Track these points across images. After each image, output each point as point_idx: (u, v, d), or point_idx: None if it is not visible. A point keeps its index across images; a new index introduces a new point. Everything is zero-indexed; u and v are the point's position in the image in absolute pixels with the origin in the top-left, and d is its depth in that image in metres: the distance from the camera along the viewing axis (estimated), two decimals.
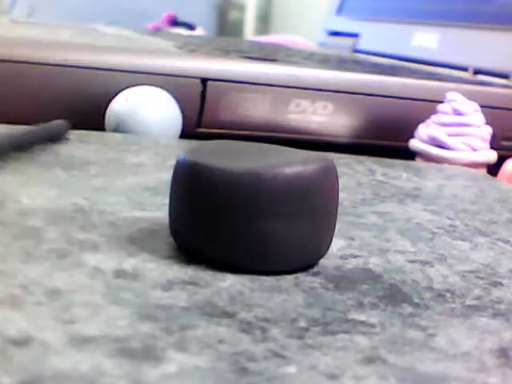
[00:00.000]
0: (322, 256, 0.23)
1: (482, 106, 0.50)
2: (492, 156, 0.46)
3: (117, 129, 0.41)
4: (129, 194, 0.28)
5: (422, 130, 0.46)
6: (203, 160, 0.21)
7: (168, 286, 0.20)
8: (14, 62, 0.40)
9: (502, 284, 0.23)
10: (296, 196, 0.21)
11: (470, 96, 0.50)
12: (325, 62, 0.59)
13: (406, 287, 0.22)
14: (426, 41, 0.77)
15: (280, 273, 0.22)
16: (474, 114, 0.46)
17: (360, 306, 0.20)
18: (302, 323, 0.18)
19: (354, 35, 0.92)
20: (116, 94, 0.42)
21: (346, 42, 0.94)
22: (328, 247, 0.23)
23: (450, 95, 0.46)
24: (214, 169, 0.21)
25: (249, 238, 0.21)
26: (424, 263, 0.24)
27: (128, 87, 0.43)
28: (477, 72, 0.68)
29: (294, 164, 0.21)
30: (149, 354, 0.16)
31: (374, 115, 0.49)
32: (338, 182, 0.23)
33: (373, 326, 0.19)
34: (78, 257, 0.21)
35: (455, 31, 0.73)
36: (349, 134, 0.48)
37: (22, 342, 0.15)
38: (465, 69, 0.69)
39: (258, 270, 0.21)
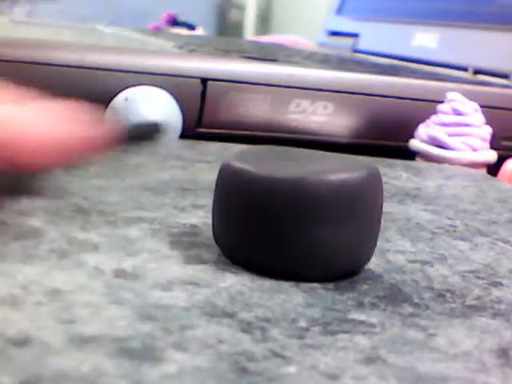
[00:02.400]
0: (364, 264, 0.22)
1: (481, 106, 0.50)
2: (492, 156, 0.46)
3: None
4: (129, 194, 0.28)
5: (422, 130, 0.46)
6: (248, 166, 0.21)
7: (168, 286, 0.20)
8: (14, 62, 0.40)
9: (502, 284, 0.23)
10: (341, 203, 0.21)
11: (470, 96, 0.50)
12: (325, 62, 0.59)
13: (406, 287, 0.22)
14: (426, 41, 0.77)
15: (321, 279, 0.21)
16: (474, 114, 0.46)
17: (360, 305, 0.20)
18: (302, 323, 0.18)
19: (354, 35, 0.92)
20: (116, 94, 0.42)
21: (346, 41, 0.94)
22: (371, 255, 0.22)
23: (450, 95, 0.46)
24: (259, 175, 0.21)
25: (293, 244, 0.21)
26: (424, 263, 0.24)
27: (128, 87, 0.43)
28: (477, 72, 0.68)
29: (340, 171, 0.21)
30: (149, 354, 0.16)
31: (374, 115, 0.49)
32: (382, 190, 0.22)
33: (373, 325, 0.19)
34: (77, 257, 0.21)
35: (455, 31, 0.73)
36: (349, 134, 0.48)
37: (22, 341, 0.15)
38: (465, 69, 0.69)
39: (298, 276, 0.21)
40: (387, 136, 0.49)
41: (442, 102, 0.49)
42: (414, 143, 0.46)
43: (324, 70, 0.48)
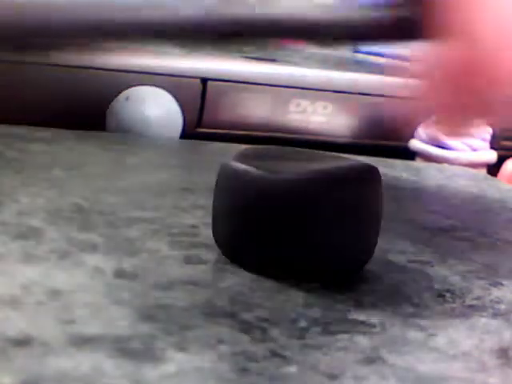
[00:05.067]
0: (364, 263, 0.22)
1: None
2: (492, 156, 0.46)
3: (117, 129, 0.41)
4: (129, 194, 0.28)
5: (422, 130, 0.46)
6: (248, 166, 0.21)
7: (168, 286, 0.20)
8: (15, 62, 0.40)
9: (501, 284, 0.23)
10: (341, 203, 0.21)
11: None
12: (325, 62, 0.59)
13: (406, 287, 0.22)
14: None
15: (321, 279, 0.21)
16: None
17: (360, 305, 0.20)
18: (302, 323, 0.18)
19: None
20: (116, 94, 0.42)
21: None
22: (371, 255, 0.22)
23: None
24: (259, 175, 0.21)
25: (293, 244, 0.21)
26: (424, 263, 0.24)
27: (128, 87, 0.43)
28: None
29: (340, 171, 0.21)
30: (149, 354, 0.16)
31: (373, 115, 0.49)
32: (382, 190, 0.22)
33: (373, 325, 0.19)
34: (78, 257, 0.21)
35: None
36: (349, 134, 0.48)
37: (22, 342, 0.15)
38: None
39: (298, 276, 0.21)
40: (387, 136, 0.49)
41: None
42: (414, 143, 0.46)
43: (324, 70, 0.48)
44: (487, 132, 0.46)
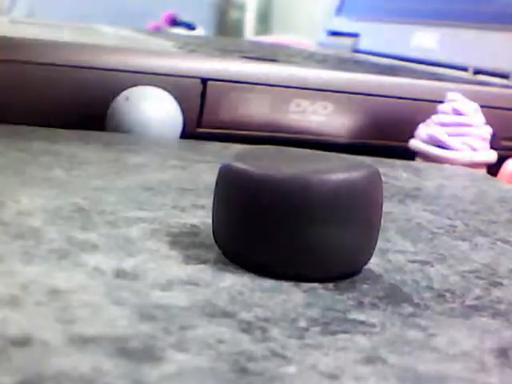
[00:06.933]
0: (364, 264, 0.22)
1: (482, 106, 0.50)
2: (492, 156, 0.46)
3: (117, 129, 0.41)
4: (129, 194, 0.28)
5: (422, 130, 0.46)
6: (248, 166, 0.21)
7: (168, 286, 0.20)
8: (14, 62, 0.40)
9: (502, 284, 0.23)
10: (341, 203, 0.21)
11: (470, 96, 0.50)
12: (325, 61, 0.59)
13: (406, 287, 0.22)
14: (425, 41, 0.77)
15: (321, 279, 0.21)
16: (474, 114, 0.46)
17: (360, 305, 0.20)
18: (302, 323, 0.18)
19: (354, 35, 0.92)
20: (116, 94, 0.42)
21: (346, 41, 0.94)
22: (371, 255, 0.22)
23: (450, 95, 0.46)
24: (259, 175, 0.21)
25: (293, 244, 0.21)
26: (424, 263, 0.24)
27: (128, 87, 0.43)
28: (477, 72, 0.68)
29: (340, 171, 0.21)
30: (149, 354, 0.16)
31: (374, 115, 0.49)
32: (382, 190, 0.22)
33: (373, 325, 0.19)
34: (77, 257, 0.21)
35: (455, 31, 0.73)
36: (349, 134, 0.48)
37: (22, 342, 0.15)
38: (465, 69, 0.69)
39: (298, 276, 0.21)
40: (387, 136, 0.50)
41: (442, 102, 0.49)
42: (414, 143, 0.46)
43: (324, 70, 0.48)
44: (487, 132, 0.46)
